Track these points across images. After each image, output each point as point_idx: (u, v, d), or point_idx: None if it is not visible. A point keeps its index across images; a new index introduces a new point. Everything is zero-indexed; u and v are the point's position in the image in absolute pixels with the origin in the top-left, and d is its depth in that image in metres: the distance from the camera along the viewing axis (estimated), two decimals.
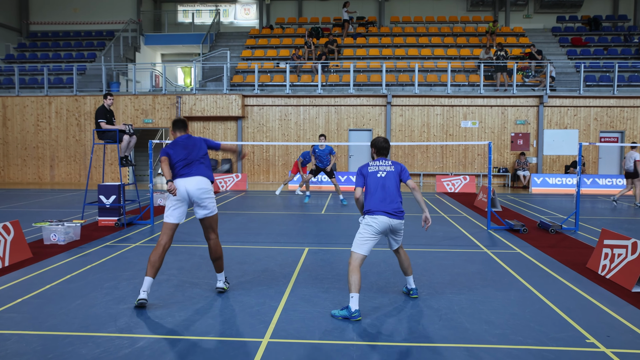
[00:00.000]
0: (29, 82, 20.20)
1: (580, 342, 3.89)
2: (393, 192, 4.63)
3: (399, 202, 4.66)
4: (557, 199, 14.16)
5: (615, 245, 5.68)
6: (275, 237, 8.13)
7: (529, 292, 5.16)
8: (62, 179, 18.68)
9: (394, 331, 4.10)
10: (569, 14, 24.07)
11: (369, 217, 4.58)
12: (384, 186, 4.64)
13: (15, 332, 4.01)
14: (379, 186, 4.64)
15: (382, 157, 4.86)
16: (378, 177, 4.67)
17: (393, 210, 4.57)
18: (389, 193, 4.62)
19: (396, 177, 4.72)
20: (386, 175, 4.68)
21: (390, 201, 4.59)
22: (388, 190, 4.63)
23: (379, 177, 4.67)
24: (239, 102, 18.08)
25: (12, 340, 3.85)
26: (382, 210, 4.54)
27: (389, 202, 4.58)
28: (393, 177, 4.69)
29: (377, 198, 4.60)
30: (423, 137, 18.21)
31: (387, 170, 4.72)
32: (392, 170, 4.72)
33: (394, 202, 4.60)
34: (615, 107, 18.03)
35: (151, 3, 25.74)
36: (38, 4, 25.13)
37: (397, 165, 4.79)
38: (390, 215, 4.56)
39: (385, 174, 4.69)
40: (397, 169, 4.76)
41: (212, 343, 3.85)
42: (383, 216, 4.53)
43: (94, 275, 5.70)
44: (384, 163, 4.78)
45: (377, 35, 22.38)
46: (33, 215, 10.15)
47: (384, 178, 4.67)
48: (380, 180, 4.66)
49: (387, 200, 4.58)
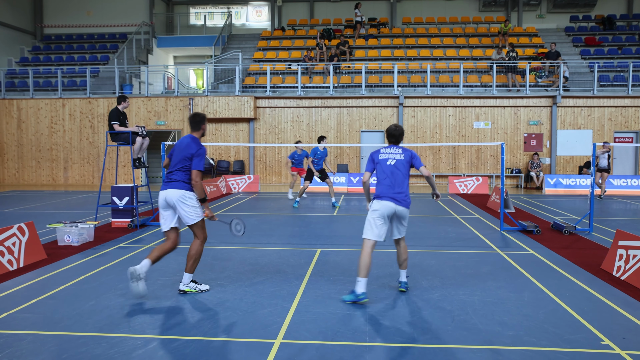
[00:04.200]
0: (43, 84, 20.51)
1: (595, 344, 3.84)
2: (401, 179, 4.80)
3: (406, 190, 4.80)
4: (571, 200, 13.97)
5: (631, 247, 5.60)
6: (287, 238, 8.15)
7: (542, 294, 5.10)
8: (75, 181, 18.94)
9: (406, 333, 4.08)
10: (582, 13, 23.78)
11: (376, 201, 4.77)
12: (393, 173, 4.82)
13: (30, 332, 4.06)
14: (388, 173, 4.81)
15: (393, 145, 4.99)
16: (387, 165, 4.85)
17: (400, 197, 4.74)
18: (397, 181, 4.80)
19: (405, 165, 4.86)
20: (395, 163, 4.85)
21: (397, 188, 4.77)
22: (396, 177, 4.81)
23: (388, 164, 4.85)
24: (251, 103, 18.17)
25: (27, 341, 3.90)
26: (389, 196, 4.74)
27: (396, 189, 4.77)
28: (402, 165, 4.85)
29: (385, 185, 4.81)
30: (435, 138, 18.11)
31: (397, 158, 4.86)
32: (402, 158, 4.86)
33: (401, 190, 4.77)
34: (630, 107, 17.77)
35: (163, 5, 25.98)
36: (52, 7, 25.50)
37: (407, 152, 4.89)
38: (396, 201, 4.73)
39: (395, 162, 4.85)
40: (407, 157, 4.87)
41: (225, 344, 3.87)
42: (389, 201, 4.73)
43: (107, 276, 5.76)
44: (395, 151, 4.92)
45: (389, 37, 22.33)
46: (47, 216, 10.30)
47: (393, 166, 4.83)
48: (389, 168, 4.84)
49: (395, 187, 4.78)
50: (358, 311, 4.56)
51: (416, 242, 7.83)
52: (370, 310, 4.58)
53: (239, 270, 6.01)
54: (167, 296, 4.99)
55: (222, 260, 6.54)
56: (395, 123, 5.13)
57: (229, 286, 5.36)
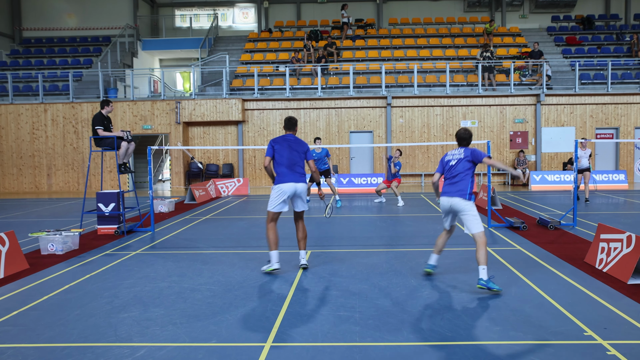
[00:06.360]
0: (24, 89, 20.10)
1: (578, 336, 3.93)
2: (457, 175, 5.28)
3: (464, 184, 5.23)
4: (556, 196, 14.17)
5: (612, 239, 5.75)
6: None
7: (528, 288, 5.18)
8: (59, 188, 18.65)
9: (396, 331, 4.09)
10: (563, 13, 24.18)
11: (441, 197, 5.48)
12: (451, 170, 5.38)
13: (11, 346, 3.93)
14: (448, 172, 5.42)
15: (460, 147, 5.48)
16: (450, 166, 5.40)
17: (451, 188, 5.30)
18: (453, 177, 5.32)
19: (463, 163, 5.29)
20: (456, 163, 5.36)
21: (454, 185, 5.28)
22: (453, 174, 5.33)
23: (450, 165, 5.40)
24: (239, 106, 18.09)
25: (7, 355, 3.76)
26: (445, 192, 5.38)
27: (453, 185, 5.29)
28: (461, 164, 5.31)
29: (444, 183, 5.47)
30: (424, 138, 18.22)
31: (457, 157, 5.37)
32: (462, 157, 5.33)
33: (457, 185, 5.26)
34: (610, 104, 18.16)
35: (148, 8, 25.73)
36: (31, 10, 24.96)
37: (467, 150, 5.36)
38: (448, 194, 5.32)
39: (456, 162, 5.36)
40: (465, 154, 5.34)
41: (214, 349, 3.84)
42: (444, 196, 5.39)
43: (93, 284, 5.66)
44: (458, 152, 5.41)
45: (375, 37, 22.42)
46: (30, 225, 10.10)
47: (454, 166, 5.37)
48: (450, 167, 5.40)
49: (448, 184, 5.36)
50: (348, 312, 4.56)
51: (406, 241, 7.86)
52: (360, 310, 4.59)
53: (228, 275, 5.97)
54: (154, 303, 4.93)
55: (211, 264, 6.49)
56: (464, 127, 5.71)
57: (218, 290, 5.33)
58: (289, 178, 5.82)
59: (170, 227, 9.69)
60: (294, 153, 5.90)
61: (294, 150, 5.92)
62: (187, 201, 13.76)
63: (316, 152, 11.81)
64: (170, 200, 12.22)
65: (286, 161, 5.85)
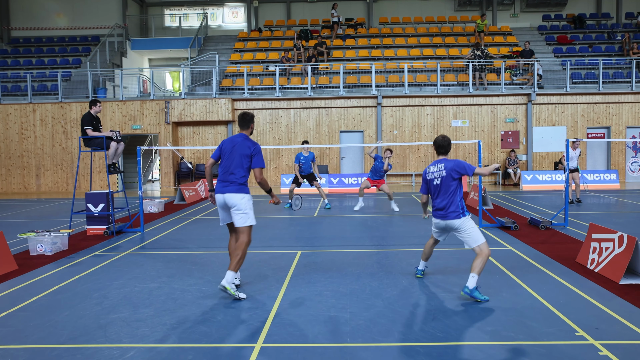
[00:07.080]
0: (12, 89, 19.88)
1: (570, 336, 3.93)
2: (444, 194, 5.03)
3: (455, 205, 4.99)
4: (547, 196, 14.26)
5: (603, 239, 5.75)
6: (267, 241, 8.08)
7: (520, 289, 5.18)
8: (48, 188, 18.44)
9: (387, 332, 4.07)
10: (554, 12, 24.33)
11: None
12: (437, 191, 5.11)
13: None
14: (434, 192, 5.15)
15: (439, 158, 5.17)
16: (434, 185, 5.12)
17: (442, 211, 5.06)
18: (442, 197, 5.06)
19: (447, 180, 5.00)
20: (440, 182, 5.07)
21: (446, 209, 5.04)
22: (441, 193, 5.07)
23: (435, 184, 5.11)
24: (229, 106, 18.01)
25: None
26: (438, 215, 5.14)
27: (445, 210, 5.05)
28: (445, 182, 5.02)
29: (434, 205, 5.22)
30: (414, 137, 18.26)
31: (439, 175, 5.06)
32: (444, 175, 5.03)
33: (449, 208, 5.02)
34: (601, 103, 18.26)
35: (137, 7, 25.53)
36: (19, 10, 24.70)
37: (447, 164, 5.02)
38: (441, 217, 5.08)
39: (439, 180, 5.06)
40: (448, 171, 5.00)
41: (204, 350, 3.80)
42: (435, 219, 5.21)
43: (82, 285, 5.60)
44: (438, 168, 5.08)
45: (366, 37, 22.43)
46: (19, 226, 9.99)
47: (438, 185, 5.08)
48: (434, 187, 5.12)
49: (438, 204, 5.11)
50: (339, 313, 4.54)
51: (397, 242, 7.86)
52: (351, 311, 4.57)
53: (218, 275, 5.92)
54: (144, 304, 4.88)
55: (201, 265, 6.44)
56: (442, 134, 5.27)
57: (208, 291, 5.28)
58: (218, 187, 5.16)
59: (160, 227, 9.61)
60: (234, 157, 5.08)
61: (236, 153, 5.09)
62: (177, 201, 13.67)
63: (304, 156, 11.68)
64: (159, 201, 12.13)
65: (222, 167, 5.16)
